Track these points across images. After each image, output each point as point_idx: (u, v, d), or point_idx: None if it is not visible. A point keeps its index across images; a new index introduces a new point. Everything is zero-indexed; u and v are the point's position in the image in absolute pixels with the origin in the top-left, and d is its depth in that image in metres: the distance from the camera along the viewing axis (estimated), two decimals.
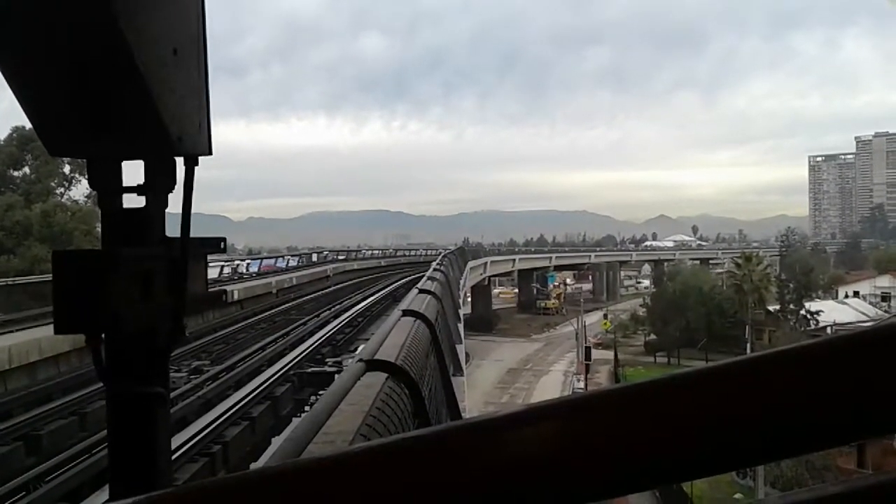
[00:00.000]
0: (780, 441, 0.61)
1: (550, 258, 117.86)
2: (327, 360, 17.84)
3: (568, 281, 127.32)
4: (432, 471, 0.62)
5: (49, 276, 1.50)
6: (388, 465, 0.63)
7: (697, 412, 0.61)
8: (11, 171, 40.01)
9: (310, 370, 16.36)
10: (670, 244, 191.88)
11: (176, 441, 9.87)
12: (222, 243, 1.91)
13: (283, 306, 30.64)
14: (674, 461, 0.61)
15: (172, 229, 1.67)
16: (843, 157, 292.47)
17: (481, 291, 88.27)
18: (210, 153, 1.73)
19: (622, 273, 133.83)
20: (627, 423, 0.62)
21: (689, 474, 0.65)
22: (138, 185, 1.64)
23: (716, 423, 0.61)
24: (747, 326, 60.99)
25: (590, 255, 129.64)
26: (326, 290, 39.19)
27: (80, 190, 40.46)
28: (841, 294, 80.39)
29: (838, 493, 0.63)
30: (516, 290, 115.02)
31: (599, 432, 0.62)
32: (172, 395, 11.89)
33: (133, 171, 1.63)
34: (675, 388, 0.63)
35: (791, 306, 67.27)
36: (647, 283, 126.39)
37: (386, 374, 3.08)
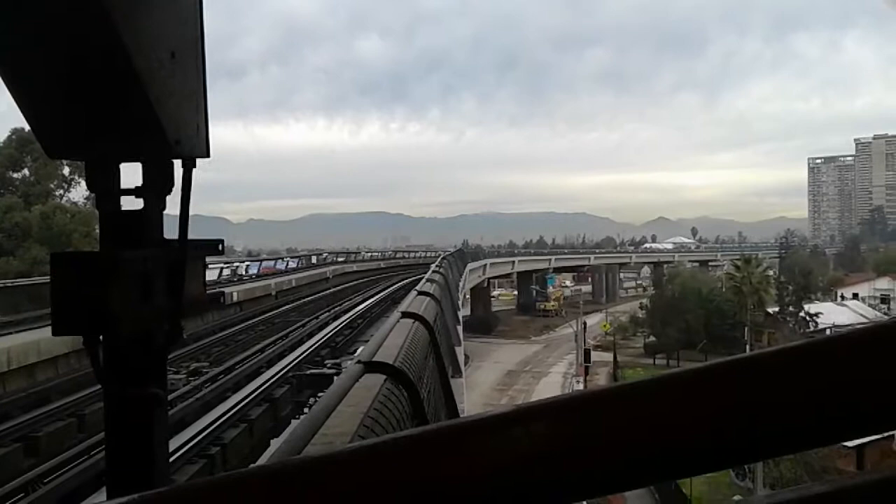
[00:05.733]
0: (768, 440, 0.62)
1: (550, 260, 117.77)
2: (326, 361, 17.85)
3: (567, 283, 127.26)
4: (425, 469, 0.63)
5: (48, 278, 1.51)
6: (381, 464, 0.64)
7: (688, 411, 0.62)
8: (11, 172, 39.95)
9: (309, 372, 16.37)
10: (670, 246, 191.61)
11: (174, 443, 9.87)
12: (220, 245, 1.91)
13: (282, 308, 30.63)
14: (664, 459, 0.62)
15: (171, 231, 1.67)
16: (842, 159, 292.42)
17: (480, 293, 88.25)
18: (208, 156, 1.74)
19: (622, 275, 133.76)
20: (619, 421, 0.63)
21: (679, 472, 0.66)
22: (136, 188, 1.64)
23: (706, 422, 0.61)
24: (746, 328, 61.00)
25: (589, 257, 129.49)
26: (326, 292, 39.18)
27: (80, 192, 40.45)
28: (840, 296, 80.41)
29: (823, 493, 0.64)
30: (515, 292, 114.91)
31: (591, 431, 0.63)
32: (171, 396, 11.90)
33: (131, 174, 1.64)
34: (667, 387, 0.64)
35: (790, 308, 67.34)
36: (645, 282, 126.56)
37: (384, 376, 3.08)
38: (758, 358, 0.64)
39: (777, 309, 67.22)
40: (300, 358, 17.75)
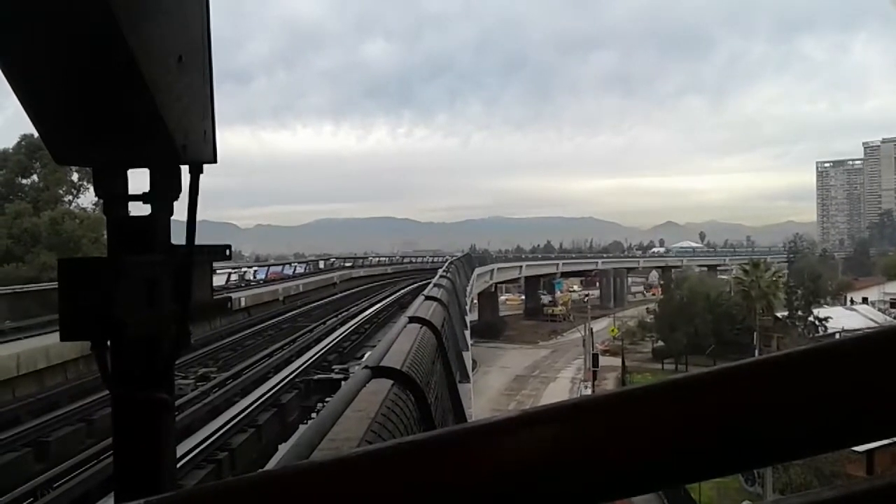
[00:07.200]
0: (777, 444, 0.61)
1: (557, 265, 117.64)
2: (333, 367, 17.84)
3: (575, 287, 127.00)
4: (430, 474, 0.63)
5: (56, 284, 1.51)
6: (388, 469, 0.64)
7: (697, 415, 0.62)
8: (20, 178, 40.14)
9: (316, 377, 16.37)
10: (678, 250, 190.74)
11: (182, 448, 9.88)
12: (227, 251, 1.91)
13: (289, 313, 30.64)
14: (673, 464, 0.62)
15: (178, 237, 1.67)
16: (850, 162, 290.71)
17: (488, 298, 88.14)
18: (215, 161, 1.74)
19: (629, 279, 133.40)
20: (627, 426, 0.62)
21: (688, 477, 0.65)
22: (144, 193, 1.65)
23: (714, 427, 0.61)
24: (755, 333, 60.72)
25: (597, 262, 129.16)
26: (333, 298, 39.19)
27: (89, 198, 40.54)
28: (849, 301, 79.98)
29: (833, 498, 0.63)
30: (523, 297, 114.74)
31: (599, 435, 0.62)
32: (179, 402, 11.93)
33: (139, 179, 1.64)
34: (675, 391, 0.63)
35: (799, 313, 66.94)
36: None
37: (392, 381, 3.07)
38: (766, 362, 0.63)
39: (786, 313, 66.88)
40: (308, 363, 17.75)
